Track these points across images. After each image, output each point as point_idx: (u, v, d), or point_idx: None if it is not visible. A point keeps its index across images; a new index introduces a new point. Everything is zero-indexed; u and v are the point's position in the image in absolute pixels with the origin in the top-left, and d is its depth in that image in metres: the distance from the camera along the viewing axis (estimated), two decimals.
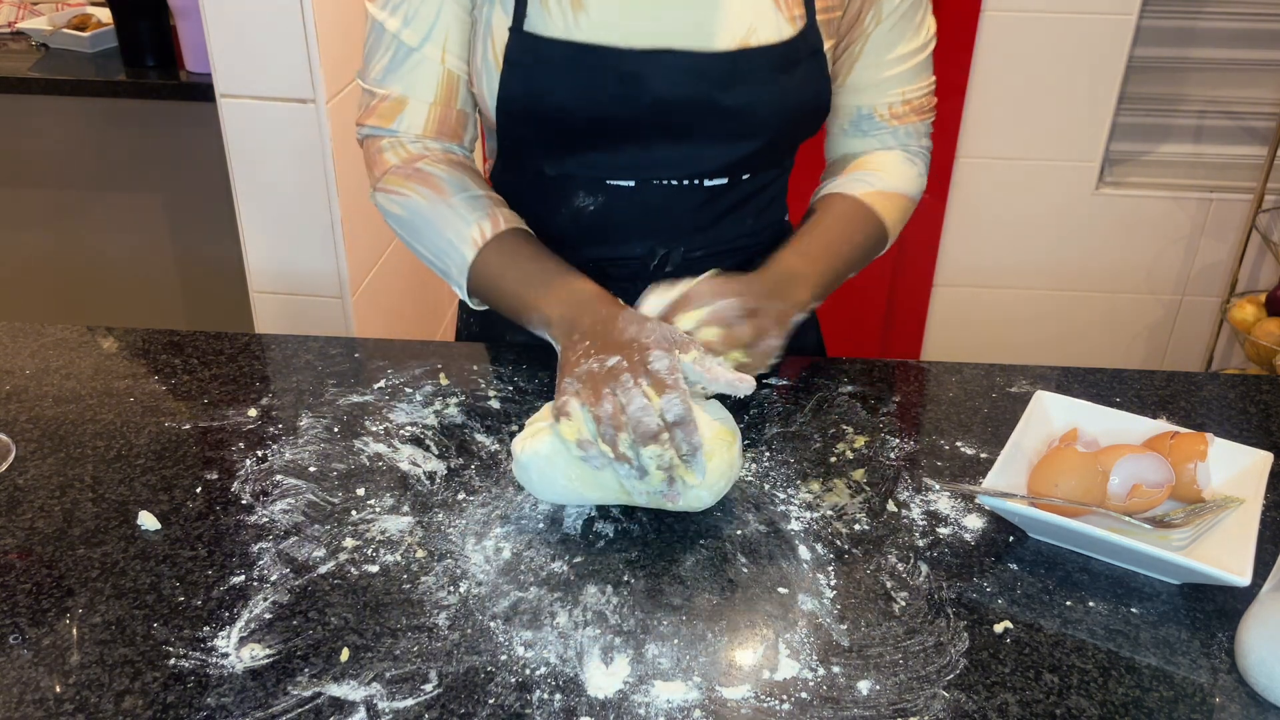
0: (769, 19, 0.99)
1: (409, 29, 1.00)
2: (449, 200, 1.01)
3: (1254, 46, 2.36)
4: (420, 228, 1.02)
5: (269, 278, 1.88)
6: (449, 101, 1.03)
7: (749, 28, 0.99)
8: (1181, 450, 0.87)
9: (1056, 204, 2.47)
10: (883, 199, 1.09)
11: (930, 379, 1.09)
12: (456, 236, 1.00)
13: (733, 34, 0.98)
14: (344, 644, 0.74)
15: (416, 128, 1.03)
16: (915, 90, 1.12)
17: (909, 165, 1.13)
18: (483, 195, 1.02)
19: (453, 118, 1.05)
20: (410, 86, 1.02)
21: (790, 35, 1.00)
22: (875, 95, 1.10)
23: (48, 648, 0.74)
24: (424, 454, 0.95)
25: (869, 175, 1.10)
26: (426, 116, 1.03)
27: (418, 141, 1.04)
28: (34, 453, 0.95)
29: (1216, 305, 2.55)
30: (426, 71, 1.01)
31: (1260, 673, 0.71)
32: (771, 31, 1.00)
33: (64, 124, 2.37)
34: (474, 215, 1.00)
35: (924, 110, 1.14)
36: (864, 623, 0.77)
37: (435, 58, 1.01)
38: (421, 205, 1.01)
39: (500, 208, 1.02)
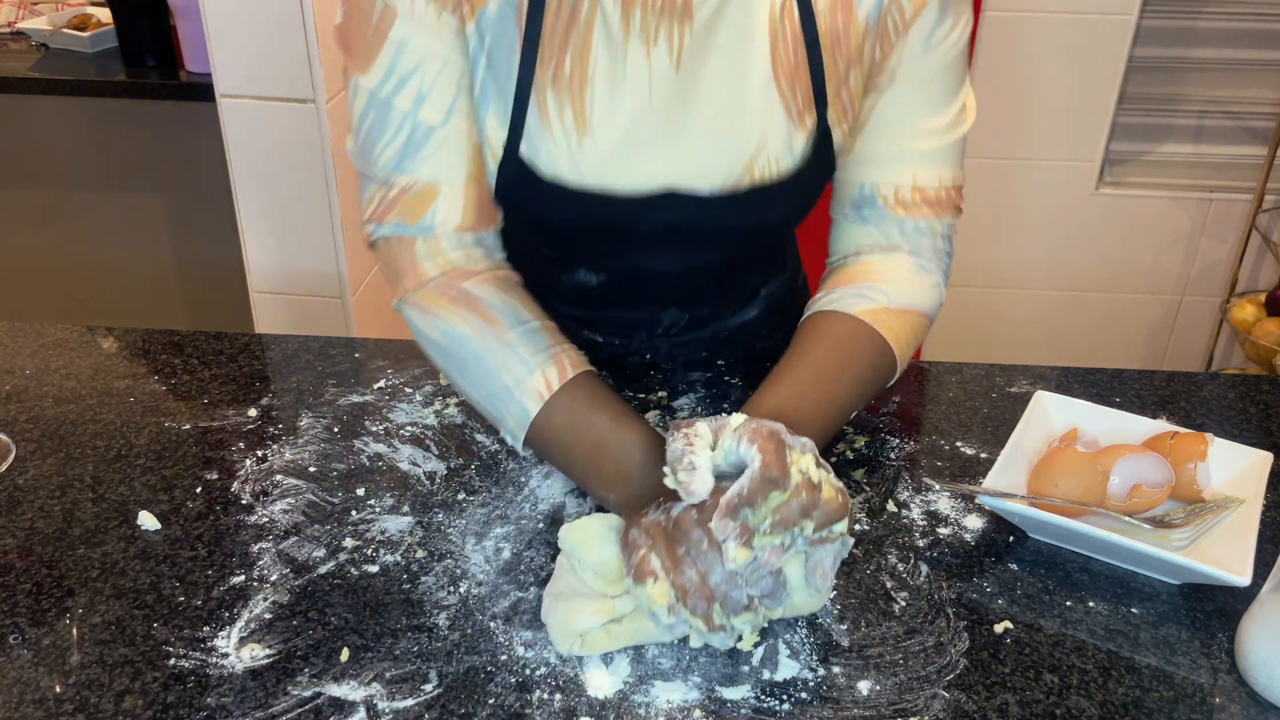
0: (780, 135, 0.88)
1: (427, 105, 0.84)
2: (504, 336, 0.85)
3: (1254, 46, 2.36)
4: (468, 363, 0.86)
5: (269, 278, 1.88)
6: (482, 179, 0.89)
7: (757, 149, 0.88)
8: (1181, 450, 0.87)
9: (1056, 204, 2.47)
10: (888, 317, 0.91)
11: (930, 379, 1.09)
12: (516, 385, 0.83)
13: (734, 168, 0.88)
14: (344, 644, 0.74)
15: (454, 219, 0.87)
16: (930, 177, 0.93)
17: (921, 275, 0.94)
18: (540, 329, 0.86)
19: (488, 196, 0.90)
20: (439, 170, 0.86)
21: (801, 151, 0.89)
22: (880, 172, 0.93)
23: (48, 648, 0.74)
24: (424, 454, 0.95)
25: (871, 289, 0.92)
26: (464, 201, 0.87)
27: (455, 240, 0.88)
28: (34, 453, 0.95)
29: (1216, 305, 2.55)
30: (455, 149, 0.86)
31: (1260, 673, 0.71)
32: (783, 149, 0.88)
33: (64, 124, 2.37)
34: (536, 360, 0.84)
35: (941, 206, 0.94)
36: (864, 623, 0.77)
37: (462, 131, 0.86)
38: (469, 338, 0.85)
39: (564, 346, 0.86)
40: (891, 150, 0.92)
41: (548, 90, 0.85)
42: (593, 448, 0.82)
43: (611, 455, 0.81)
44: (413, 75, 0.83)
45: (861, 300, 0.91)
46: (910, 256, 0.95)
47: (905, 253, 0.95)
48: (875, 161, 0.93)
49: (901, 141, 0.92)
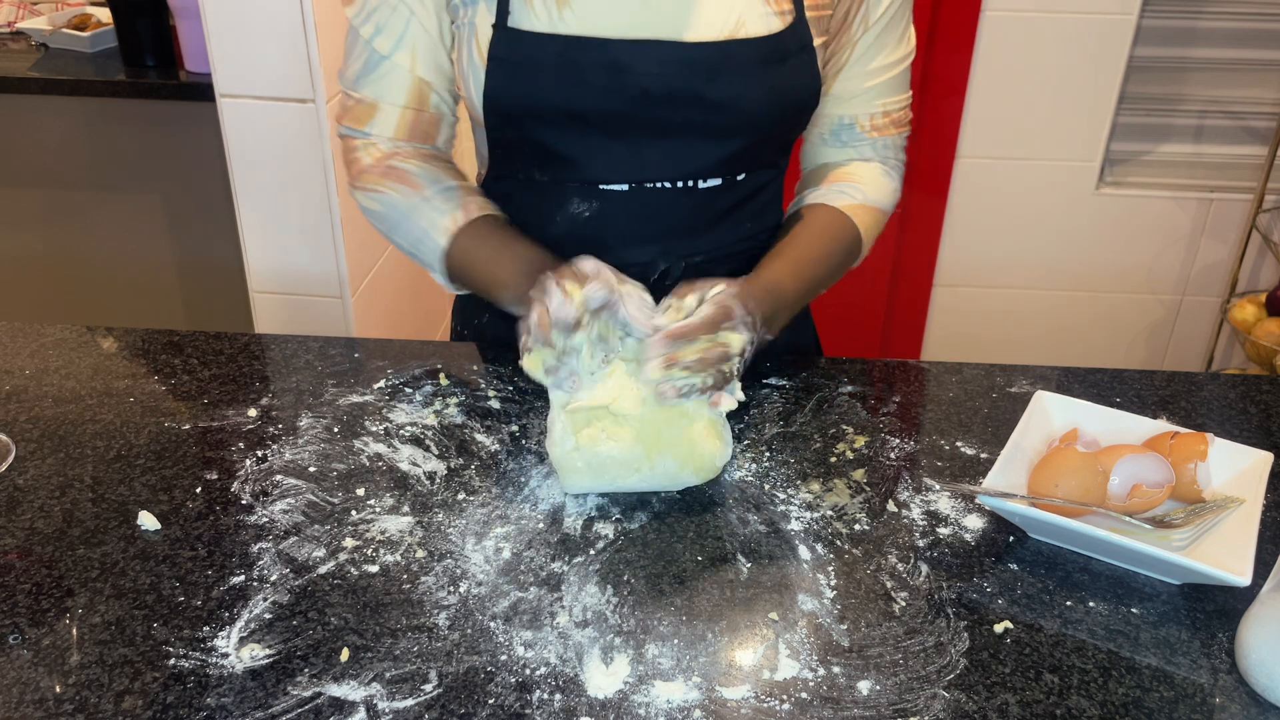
0: (757, 11, 0.99)
1: (380, 37, 1.02)
2: (423, 193, 1.04)
3: (1254, 46, 2.36)
4: (398, 221, 1.06)
5: (269, 278, 1.88)
6: (420, 106, 1.06)
7: (737, 20, 0.99)
8: (1181, 450, 0.87)
9: (1056, 204, 2.47)
10: (863, 212, 1.11)
11: (930, 379, 1.09)
12: (431, 227, 1.03)
13: (719, 25, 0.98)
14: (344, 644, 0.74)
15: (389, 131, 1.06)
16: (895, 102, 1.12)
17: (887, 179, 1.14)
18: (455, 186, 1.05)
19: (425, 121, 1.07)
20: (381, 92, 1.05)
21: (779, 29, 1.00)
22: (857, 105, 1.11)
23: (48, 648, 0.74)
24: (424, 454, 0.95)
25: (850, 187, 1.11)
26: (398, 120, 1.06)
27: (389, 144, 1.07)
28: (34, 453, 0.95)
29: (1216, 305, 2.55)
30: (397, 79, 1.04)
31: (1260, 673, 0.71)
32: (759, 24, 1.00)
33: (64, 124, 2.37)
34: (447, 205, 1.04)
35: (902, 123, 1.14)
36: (864, 623, 0.77)
37: (405, 65, 1.03)
38: (397, 200, 1.05)
39: (472, 195, 1.06)
40: (865, 86, 1.10)
41: None
42: (489, 260, 1.02)
43: (504, 262, 1.01)
44: (376, 11, 1.02)
45: (843, 197, 1.11)
46: (879, 165, 1.14)
47: (875, 162, 1.14)
48: (851, 98, 1.10)
49: (874, 76, 1.09)
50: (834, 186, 1.12)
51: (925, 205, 2.46)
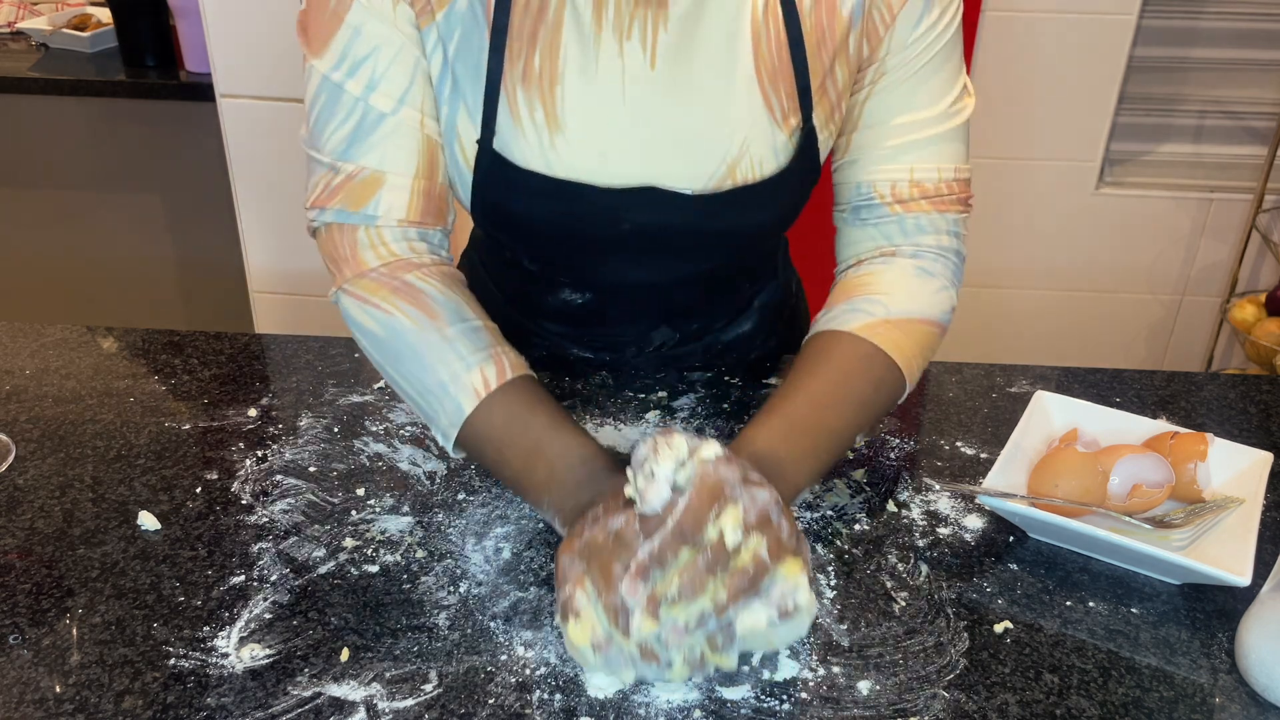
0: (764, 137, 0.86)
1: (378, 92, 0.82)
2: (444, 331, 0.82)
3: (1254, 46, 2.36)
4: (403, 356, 0.83)
5: (269, 278, 1.88)
6: (433, 174, 0.86)
7: (739, 152, 0.86)
8: (1181, 450, 0.87)
9: (1056, 204, 2.47)
10: (891, 330, 0.86)
11: (930, 379, 1.09)
12: (453, 380, 0.81)
13: (717, 166, 0.86)
14: (344, 644, 0.74)
15: (398, 211, 0.85)
16: (929, 169, 0.89)
17: (922, 279, 0.89)
18: (482, 328, 0.84)
19: (437, 194, 0.87)
20: (385, 158, 0.84)
21: (785, 153, 0.88)
22: (876, 169, 0.90)
23: (48, 648, 0.74)
24: (424, 454, 0.95)
25: (867, 301, 0.88)
26: (410, 196, 0.85)
27: (398, 232, 0.86)
28: (34, 453, 0.95)
29: (1216, 305, 2.55)
30: (404, 141, 0.84)
31: (1260, 673, 0.71)
32: (766, 151, 0.87)
33: (64, 124, 2.37)
34: (475, 357, 0.82)
35: (943, 200, 0.90)
36: (864, 623, 0.77)
37: (414, 123, 0.84)
38: (408, 330, 0.83)
39: (504, 348, 0.84)
40: (886, 145, 0.89)
41: (517, 88, 0.84)
42: (529, 450, 0.79)
43: (546, 458, 0.79)
44: (365, 61, 0.82)
45: (859, 315, 0.87)
46: (911, 260, 0.90)
47: (906, 257, 0.90)
48: (870, 159, 0.90)
49: (896, 135, 0.89)
50: (849, 303, 0.88)
51: None
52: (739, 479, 0.68)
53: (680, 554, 0.66)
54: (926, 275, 0.90)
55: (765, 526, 0.68)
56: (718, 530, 0.66)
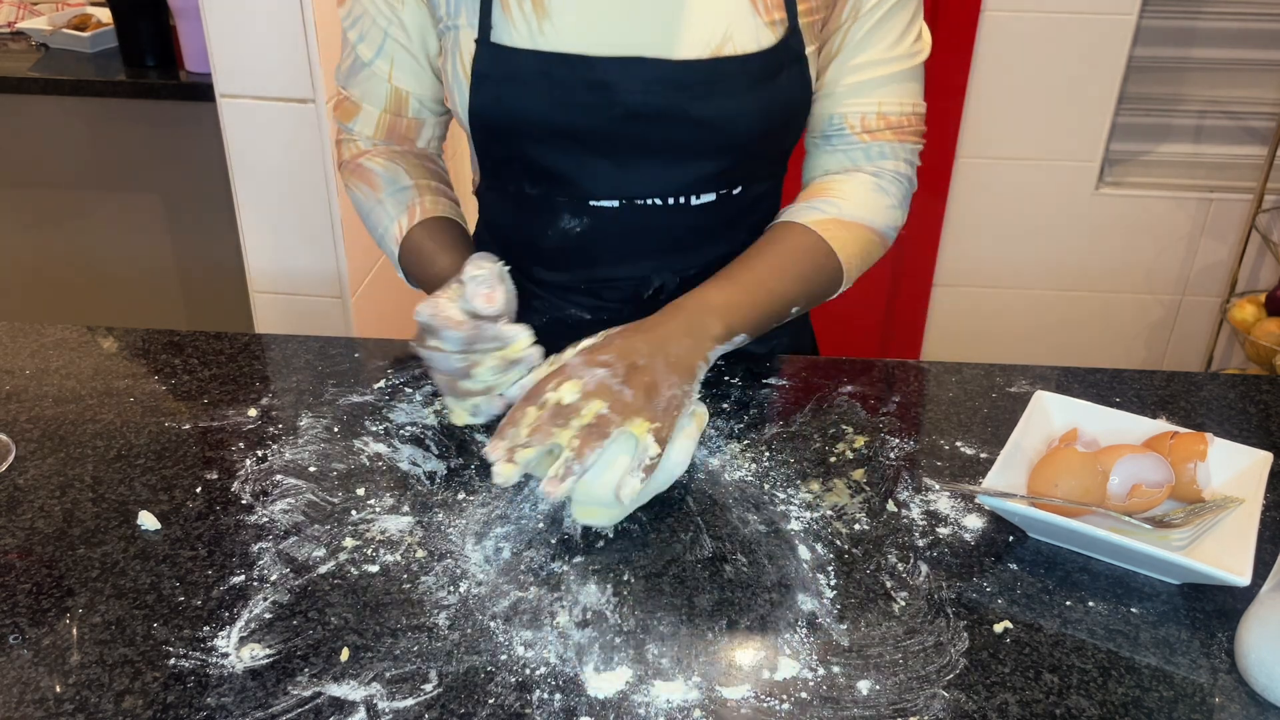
0: (746, 24, 0.95)
1: (363, 44, 1.04)
2: (379, 195, 1.07)
3: (1254, 46, 2.36)
4: (365, 220, 1.10)
5: (269, 278, 1.88)
6: (398, 111, 1.08)
7: (724, 34, 0.94)
8: (1181, 450, 0.87)
9: (1056, 204, 2.47)
10: (837, 228, 0.99)
11: (930, 379, 1.09)
12: (385, 233, 1.07)
13: (705, 42, 0.94)
14: (344, 644, 0.74)
15: (368, 130, 1.09)
16: (893, 104, 1.02)
17: (878, 194, 1.02)
18: (409, 186, 1.07)
19: (402, 125, 1.09)
20: (363, 95, 1.07)
21: (770, 43, 0.96)
22: (847, 102, 1.01)
23: (48, 648, 0.74)
24: (424, 454, 0.95)
25: (824, 201, 1.01)
26: (376, 122, 1.08)
27: (367, 141, 1.10)
28: (34, 453, 0.95)
29: (1216, 305, 2.55)
30: (376, 85, 1.06)
31: (1260, 673, 0.71)
32: (749, 38, 0.95)
33: (64, 124, 2.37)
34: (396, 210, 1.06)
35: (904, 130, 1.03)
36: (864, 623, 0.77)
37: (383, 74, 1.05)
38: (362, 200, 1.09)
39: (423, 196, 1.07)
40: (857, 80, 1.00)
41: None
42: (422, 276, 1.05)
43: (429, 280, 1.03)
44: (360, 19, 1.04)
45: (814, 212, 1.00)
46: (871, 176, 1.03)
47: (867, 173, 1.03)
48: (842, 92, 1.01)
49: (866, 71, 1.00)
50: (807, 202, 1.02)
51: (925, 205, 2.46)
52: (581, 363, 0.85)
53: (528, 412, 0.83)
54: (882, 191, 1.03)
55: (604, 393, 0.82)
56: (556, 395, 0.83)
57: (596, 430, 0.81)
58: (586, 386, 0.83)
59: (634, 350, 0.86)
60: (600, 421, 0.81)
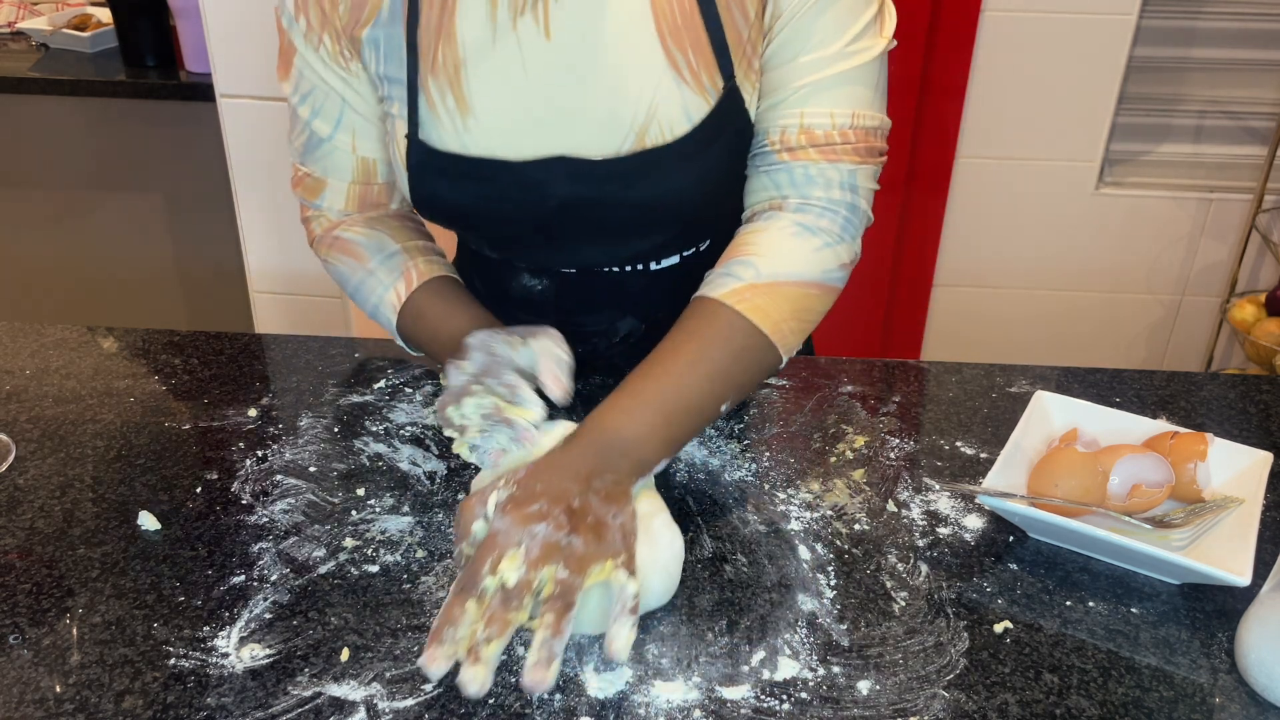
0: (673, 102, 0.86)
1: (319, 119, 0.97)
2: (367, 265, 1.00)
3: (1254, 46, 2.36)
4: (354, 295, 1.03)
5: (269, 278, 1.88)
6: (367, 181, 1.01)
7: (647, 118, 0.87)
8: (1181, 450, 0.87)
9: (1056, 204, 2.47)
10: (755, 294, 0.85)
11: (930, 379, 1.09)
12: (380, 303, 0.99)
13: (626, 134, 0.87)
14: (344, 644, 0.74)
15: (338, 204, 1.02)
16: (819, 116, 0.86)
17: (800, 239, 0.87)
18: (398, 251, 1.00)
19: (373, 193, 1.02)
20: (326, 170, 1.00)
21: (703, 114, 0.87)
22: (769, 115, 0.88)
23: (48, 648, 0.74)
24: (424, 454, 0.95)
25: (738, 264, 0.87)
26: (346, 195, 1.01)
27: (338, 214, 1.02)
28: (34, 453, 0.95)
29: (1216, 305, 2.55)
30: (340, 159, 0.99)
31: (1260, 673, 0.71)
32: (678, 115, 0.87)
33: (64, 124, 2.37)
34: (390, 277, 0.99)
35: (834, 149, 0.86)
36: (864, 623, 0.77)
37: (346, 147, 0.98)
38: (348, 275, 1.01)
39: (415, 259, 0.99)
40: (784, 89, 0.87)
41: (429, 79, 0.90)
42: (430, 338, 0.97)
43: (441, 341, 0.95)
44: (310, 94, 0.97)
45: (728, 280, 0.86)
46: (793, 215, 0.88)
47: (790, 211, 0.88)
48: (767, 104, 0.88)
49: (792, 79, 0.86)
50: (725, 266, 0.88)
51: (925, 205, 2.46)
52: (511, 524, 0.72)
53: (467, 609, 0.69)
54: (806, 233, 0.87)
55: (553, 554, 0.71)
56: (498, 579, 0.70)
57: (562, 600, 0.70)
58: (530, 554, 0.71)
59: (565, 492, 0.74)
60: (563, 588, 0.70)
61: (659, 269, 1.02)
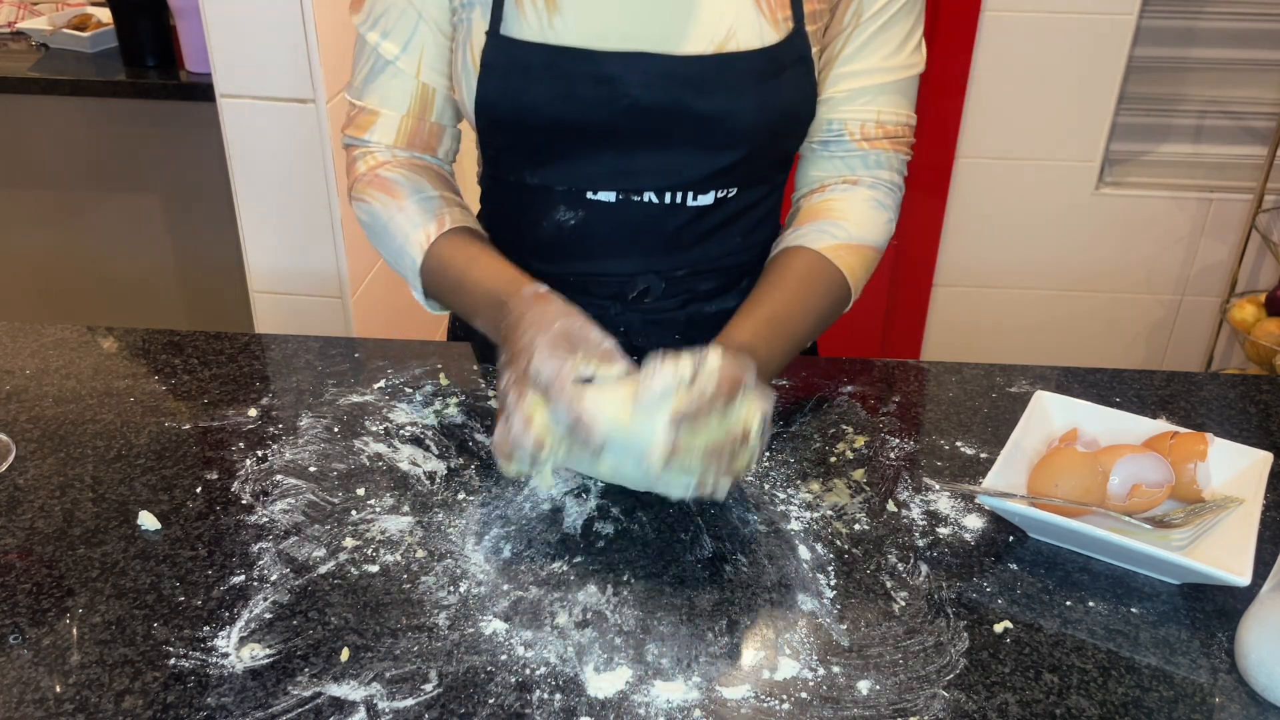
0: (751, 23, 0.96)
1: (388, 40, 1.00)
2: (401, 203, 1.01)
3: (1254, 46, 2.36)
4: (379, 233, 1.03)
5: (269, 278, 1.88)
6: (422, 114, 1.03)
7: (728, 31, 0.95)
8: (1181, 450, 0.87)
9: (1056, 204, 2.47)
10: (848, 253, 1.01)
11: (930, 379, 1.09)
12: (406, 241, 1.00)
13: (709, 38, 0.95)
14: (344, 644, 0.74)
15: (388, 139, 1.03)
16: (891, 113, 1.03)
17: (878, 211, 1.04)
18: (435, 196, 1.02)
19: (425, 130, 1.04)
20: (384, 99, 1.02)
21: (774, 41, 0.96)
22: (845, 108, 1.02)
23: (48, 648, 0.74)
24: (424, 454, 0.95)
25: (832, 225, 1.02)
26: (398, 129, 1.03)
27: (386, 152, 1.04)
28: (34, 453, 0.95)
29: (1216, 305, 2.55)
30: (401, 84, 1.01)
31: (1260, 673, 0.71)
32: (753, 35, 0.96)
33: (64, 124, 2.37)
34: (422, 218, 1.00)
35: (899, 140, 1.04)
36: (864, 623, 0.77)
37: (410, 70, 1.01)
38: (379, 211, 1.02)
39: (450, 207, 1.02)
40: (857, 86, 1.01)
41: None
42: (458, 282, 0.98)
43: (472, 285, 0.96)
44: (383, 16, 1.00)
45: (824, 236, 1.01)
46: (869, 191, 1.04)
47: (865, 187, 1.04)
48: (841, 98, 1.02)
49: (865, 77, 1.01)
50: (815, 225, 1.02)
51: (925, 205, 2.46)
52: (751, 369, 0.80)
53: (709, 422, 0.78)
54: (880, 207, 1.04)
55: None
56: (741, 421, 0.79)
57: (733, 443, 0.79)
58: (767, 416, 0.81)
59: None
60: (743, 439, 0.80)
61: (694, 205, 1.03)
